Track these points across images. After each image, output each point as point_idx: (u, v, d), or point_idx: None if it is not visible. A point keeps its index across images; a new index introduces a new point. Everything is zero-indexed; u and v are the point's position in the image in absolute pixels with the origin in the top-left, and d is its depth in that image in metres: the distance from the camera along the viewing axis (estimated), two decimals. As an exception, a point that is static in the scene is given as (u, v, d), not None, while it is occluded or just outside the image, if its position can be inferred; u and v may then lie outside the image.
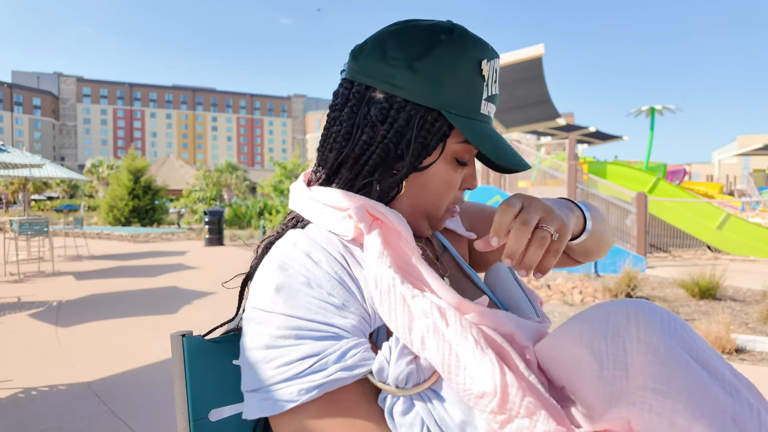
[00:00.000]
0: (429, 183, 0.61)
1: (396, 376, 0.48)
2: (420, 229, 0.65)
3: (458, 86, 0.56)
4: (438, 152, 0.59)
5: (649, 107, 14.86)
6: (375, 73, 0.58)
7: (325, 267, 0.53)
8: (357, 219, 0.54)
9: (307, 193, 0.62)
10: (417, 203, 0.62)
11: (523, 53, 9.91)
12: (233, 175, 30.20)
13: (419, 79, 0.56)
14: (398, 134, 0.58)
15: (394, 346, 0.50)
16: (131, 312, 4.94)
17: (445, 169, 0.61)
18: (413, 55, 0.56)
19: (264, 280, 0.54)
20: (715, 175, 30.67)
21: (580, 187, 8.26)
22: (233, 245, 12.27)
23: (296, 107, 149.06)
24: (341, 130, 0.60)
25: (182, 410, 0.58)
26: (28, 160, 7.75)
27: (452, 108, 0.57)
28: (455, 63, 0.56)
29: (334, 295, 0.51)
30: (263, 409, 0.49)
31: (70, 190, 44.64)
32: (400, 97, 0.57)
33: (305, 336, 0.49)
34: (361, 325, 0.52)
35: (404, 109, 0.57)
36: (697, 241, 9.65)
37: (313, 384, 0.47)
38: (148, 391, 2.94)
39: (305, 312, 0.50)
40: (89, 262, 9.01)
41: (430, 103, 0.56)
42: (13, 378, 3.11)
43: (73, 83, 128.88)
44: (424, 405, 0.48)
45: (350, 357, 0.48)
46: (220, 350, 0.62)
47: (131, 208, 20.13)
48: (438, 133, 0.58)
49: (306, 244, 0.55)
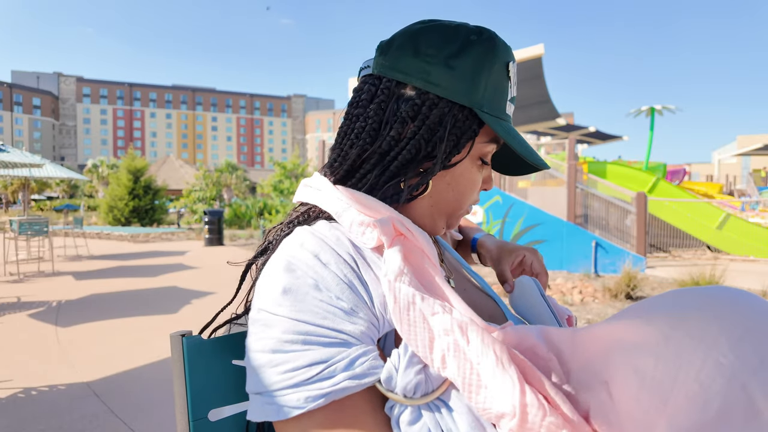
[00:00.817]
0: (455, 182, 0.61)
1: (404, 386, 0.47)
2: (436, 228, 0.65)
3: (490, 86, 0.58)
4: (467, 151, 0.60)
5: (649, 107, 14.86)
6: (407, 68, 0.58)
7: (333, 269, 0.51)
8: (381, 231, 0.53)
9: (332, 189, 0.59)
10: (440, 202, 0.62)
11: (523, 53, 9.91)
12: (233, 175, 30.18)
13: (456, 76, 0.57)
14: (430, 131, 0.58)
15: (402, 354, 0.48)
16: (131, 312, 4.95)
17: (471, 168, 0.62)
18: (450, 53, 0.57)
19: (270, 282, 0.52)
20: (714, 175, 30.67)
21: (579, 187, 8.26)
22: (233, 245, 12.27)
23: (296, 107, 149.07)
24: (366, 126, 0.59)
25: (182, 410, 0.58)
26: (27, 159, 7.74)
27: (484, 107, 0.58)
28: (489, 63, 0.58)
29: (343, 299, 0.50)
30: (267, 414, 0.48)
31: (69, 190, 44.63)
32: (434, 93, 0.57)
33: (313, 342, 0.48)
34: (370, 331, 0.51)
35: (437, 105, 0.57)
36: (696, 241, 9.66)
37: (320, 392, 0.46)
38: (148, 390, 2.94)
39: (313, 317, 0.49)
40: (89, 262, 9.01)
41: (464, 101, 0.57)
42: (13, 378, 3.11)
43: (73, 83, 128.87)
44: (432, 415, 0.47)
45: (359, 365, 0.47)
46: (219, 350, 0.61)
47: (131, 208, 20.13)
48: (468, 132, 0.59)
49: (314, 244, 0.53)
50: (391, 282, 0.50)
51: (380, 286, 0.53)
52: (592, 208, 8.25)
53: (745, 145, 32.36)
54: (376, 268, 0.54)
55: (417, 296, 0.49)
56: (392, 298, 0.49)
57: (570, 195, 8.21)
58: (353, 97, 0.62)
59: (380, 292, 0.52)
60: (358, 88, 0.62)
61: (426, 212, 0.63)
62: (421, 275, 0.54)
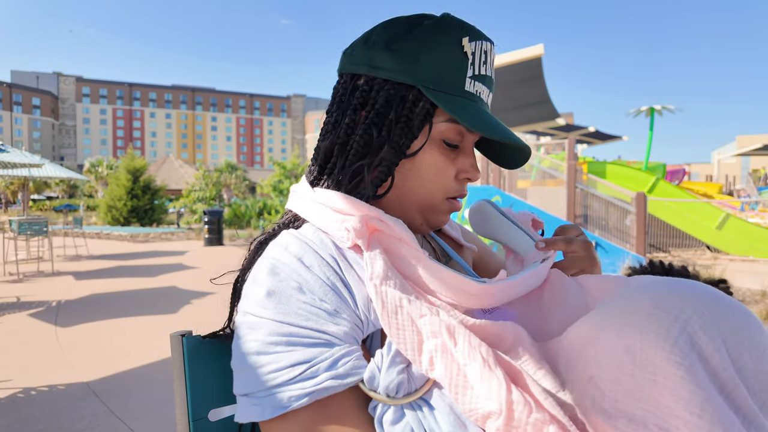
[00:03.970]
0: (417, 169, 0.59)
1: (387, 385, 0.47)
2: (413, 225, 0.62)
3: (437, 63, 0.55)
4: (425, 135, 0.57)
5: (649, 107, 14.85)
6: (357, 60, 0.59)
7: (316, 272, 0.52)
8: (355, 235, 0.52)
9: (310, 194, 0.60)
10: (406, 193, 0.60)
11: (523, 53, 9.90)
12: (233, 174, 30.17)
13: (397, 57, 0.56)
14: (379, 114, 0.57)
15: (386, 354, 0.49)
16: (131, 312, 4.94)
17: (435, 153, 0.59)
18: (392, 37, 0.57)
19: (255, 285, 0.53)
20: (714, 175, 30.68)
21: (579, 187, 8.27)
22: (233, 245, 12.26)
23: (296, 107, 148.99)
24: (330, 120, 0.61)
25: (182, 410, 0.58)
26: (27, 159, 7.74)
27: (431, 84, 0.56)
28: (434, 41, 0.56)
29: (326, 301, 0.51)
30: (252, 414, 0.49)
31: (69, 189, 44.61)
32: (380, 77, 0.57)
33: (296, 343, 0.49)
34: (354, 331, 0.51)
35: (383, 88, 0.57)
36: (696, 241, 9.66)
37: (303, 391, 0.47)
38: (148, 391, 2.94)
39: (297, 318, 0.49)
40: (88, 262, 9.00)
41: (407, 80, 0.56)
42: (12, 378, 3.10)
43: (73, 83, 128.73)
44: (415, 415, 0.47)
45: (342, 365, 0.48)
46: (219, 350, 0.61)
47: (130, 208, 20.11)
48: (421, 113, 0.56)
49: (297, 247, 0.54)
50: (377, 286, 0.50)
51: (364, 287, 0.53)
52: (591, 208, 8.25)
53: (745, 145, 32.37)
54: (359, 269, 0.54)
55: (404, 299, 0.49)
56: (380, 303, 0.49)
57: (569, 195, 8.21)
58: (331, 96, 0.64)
59: (364, 294, 0.53)
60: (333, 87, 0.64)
61: (396, 206, 0.61)
62: (402, 265, 0.54)
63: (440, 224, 0.64)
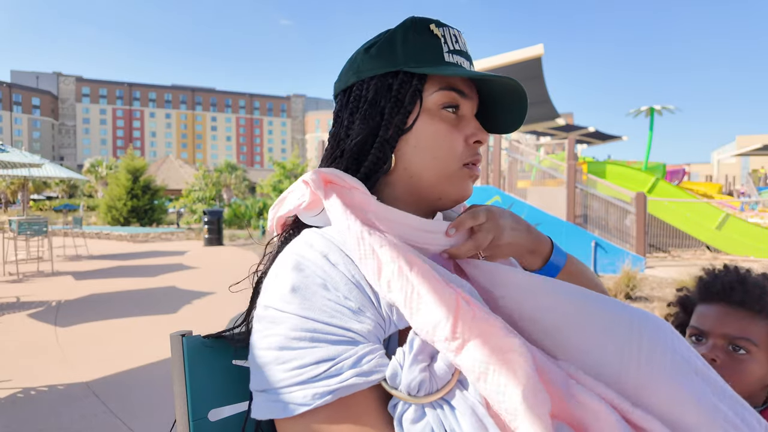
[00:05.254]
0: (421, 142, 0.61)
1: (409, 383, 0.47)
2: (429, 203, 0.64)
3: (413, 47, 0.61)
4: (417, 107, 0.61)
5: (649, 107, 14.86)
6: (345, 76, 0.66)
7: (342, 269, 0.52)
8: (313, 186, 0.57)
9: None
10: (418, 171, 0.62)
11: (523, 53, 9.90)
12: (232, 174, 30.22)
13: (374, 56, 0.62)
14: (372, 105, 0.62)
15: (408, 351, 0.49)
16: (130, 312, 4.95)
17: (435, 122, 0.61)
18: (370, 45, 0.64)
19: (279, 280, 0.53)
20: (714, 175, 30.71)
21: (579, 188, 8.27)
22: (232, 245, 12.27)
23: (296, 107, 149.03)
24: (332, 132, 0.67)
25: (182, 410, 0.58)
26: (27, 159, 7.74)
27: (410, 63, 0.61)
28: (405, 35, 0.62)
29: (351, 298, 0.51)
30: (273, 411, 0.48)
31: (69, 189, 44.62)
32: (366, 77, 0.62)
33: (321, 339, 0.48)
34: (377, 330, 0.51)
35: (371, 84, 0.62)
36: (696, 241, 9.66)
37: (327, 389, 0.47)
38: (148, 391, 2.94)
39: (321, 314, 0.49)
40: (88, 262, 9.00)
41: (390, 68, 0.61)
42: (12, 378, 3.11)
43: (73, 83, 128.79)
44: (435, 414, 0.47)
45: (366, 362, 0.48)
46: (219, 350, 0.61)
47: (130, 208, 20.11)
48: (410, 90, 0.61)
49: (322, 245, 0.55)
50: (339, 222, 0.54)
51: None
52: (591, 208, 8.26)
53: (745, 145, 32.37)
54: None
55: (365, 232, 0.53)
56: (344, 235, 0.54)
57: (569, 195, 8.21)
58: None
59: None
60: None
61: (408, 187, 0.63)
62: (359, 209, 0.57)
63: (464, 194, 0.64)
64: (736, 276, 0.88)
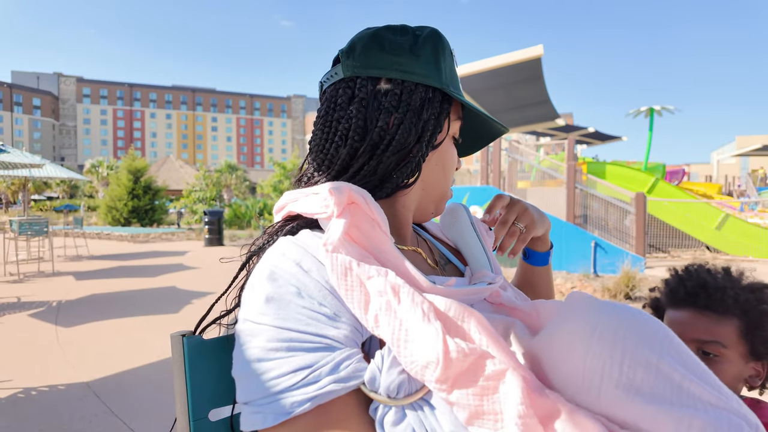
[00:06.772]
0: (442, 161, 0.67)
1: (388, 386, 0.47)
2: (425, 214, 0.70)
3: (448, 69, 0.65)
4: (446, 129, 0.65)
5: (648, 108, 14.85)
6: (380, 63, 0.61)
7: (315, 276, 0.52)
8: (335, 200, 0.54)
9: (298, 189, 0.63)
10: (430, 185, 0.67)
11: (522, 54, 9.90)
12: (233, 175, 30.20)
13: (423, 63, 0.62)
14: (415, 115, 0.61)
15: (386, 355, 0.49)
16: (131, 312, 4.95)
17: (450, 146, 0.68)
18: (412, 44, 0.62)
19: (254, 291, 0.53)
20: (714, 175, 30.68)
21: (579, 188, 8.27)
22: (233, 245, 12.26)
23: (296, 108, 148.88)
24: (351, 125, 0.61)
25: (182, 410, 0.58)
26: (27, 160, 7.75)
27: (450, 86, 0.64)
28: (442, 50, 0.64)
29: (326, 305, 0.51)
30: (255, 422, 0.49)
31: (69, 190, 44.64)
32: (410, 80, 0.61)
33: (297, 348, 0.48)
34: (354, 335, 0.51)
35: (415, 91, 0.62)
36: (695, 241, 9.65)
37: (306, 396, 0.47)
38: (148, 391, 2.94)
39: (296, 323, 0.49)
40: (89, 262, 9.01)
41: (435, 83, 0.62)
42: (12, 378, 3.11)
43: (73, 83, 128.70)
44: (416, 415, 0.47)
45: (343, 368, 0.48)
46: (220, 350, 0.62)
47: (130, 209, 20.12)
48: (444, 111, 0.64)
49: (295, 252, 0.54)
50: (328, 252, 0.51)
51: None
52: (591, 208, 8.26)
53: (744, 145, 32.35)
54: None
55: (353, 263, 0.51)
56: (329, 265, 0.51)
57: (569, 195, 8.21)
58: (327, 104, 0.64)
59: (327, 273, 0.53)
60: (332, 95, 0.63)
61: (417, 199, 0.68)
62: (370, 241, 0.55)
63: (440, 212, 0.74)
64: (698, 281, 0.89)
